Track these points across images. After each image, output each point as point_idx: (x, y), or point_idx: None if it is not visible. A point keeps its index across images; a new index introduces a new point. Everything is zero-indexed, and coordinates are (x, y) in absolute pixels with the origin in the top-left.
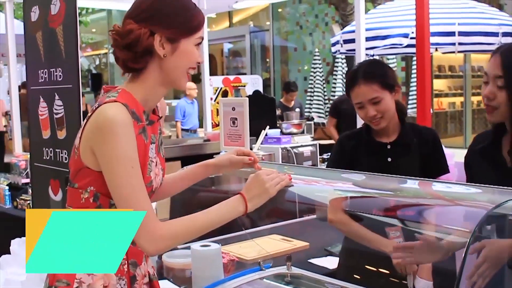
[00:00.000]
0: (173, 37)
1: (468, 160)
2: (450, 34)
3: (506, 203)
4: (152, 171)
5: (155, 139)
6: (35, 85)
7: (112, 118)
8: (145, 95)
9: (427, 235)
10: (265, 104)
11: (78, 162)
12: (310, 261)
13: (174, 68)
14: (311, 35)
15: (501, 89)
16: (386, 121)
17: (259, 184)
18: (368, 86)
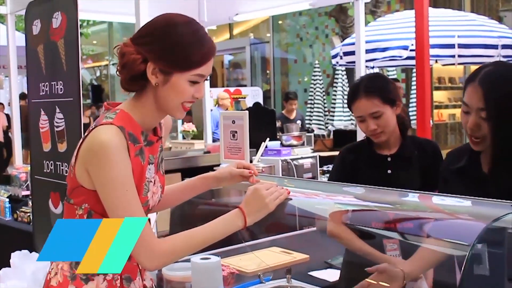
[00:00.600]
0: (165, 69)
1: (444, 176)
2: (450, 46)
3: (505, 216)
4: (150, 191)
5: (153, 159)
6: (36, 98)
7: (106, 143)
8: (143, 117)
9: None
10: (265, 116)
11: (74, 181)
12: (310, 273)
13: (167, 99)
14: (311, 47)
15: (484, 120)
16: (387, 135)
17: (259, 199)
18: (369, 101)
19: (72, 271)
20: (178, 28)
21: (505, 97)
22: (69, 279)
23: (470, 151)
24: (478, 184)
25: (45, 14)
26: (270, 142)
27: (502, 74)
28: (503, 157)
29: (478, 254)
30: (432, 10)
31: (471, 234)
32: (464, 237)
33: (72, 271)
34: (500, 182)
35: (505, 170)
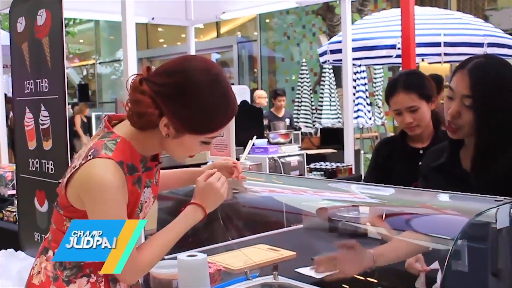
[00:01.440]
0: (178, 128)
1: (424, 173)
2: (436, 44)
3: (488, 211)
4: (142, 212)
5: (150, 183)
6: (21, 96)
7: (104, 182)
8: (145, 147)
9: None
10: (252, 114)
11: (65, 200)
12: (297, 270)
13: (173, 151)
14: (298, 46)
15: (468, 108)
16: (421, 129)
17: (214, 192)
18: (407, 95)
19: (56, 272)
20: (202, 91)
21: (492, 88)
22: (51, 279)
23: (449, 149)
24: (458, 181)
25: (30, 11)
26: (257, 140)
27: (492, 66)
28: (486, 148)
29: (462, 248)
30: (418, 8)
31: (454, 229)
32: (448, 232)
33: (55, 271)
34: (482, 176)
35: (487, 163)
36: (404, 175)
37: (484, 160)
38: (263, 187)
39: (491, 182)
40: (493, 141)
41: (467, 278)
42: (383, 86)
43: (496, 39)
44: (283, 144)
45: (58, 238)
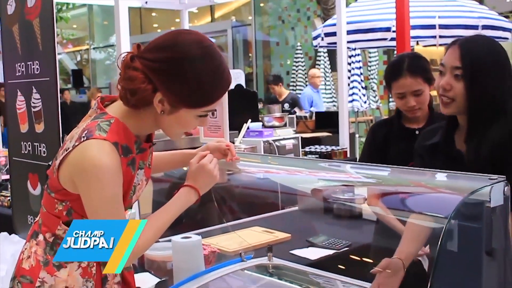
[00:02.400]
0: (174, 103)
1: (419, 153)
2: (431, 27)
3: (482, 189)
4: (135, 194)
5: (143, 165)
6: (12, 79)
7: (98, 163)
8: (139, 128)
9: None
10: (247, 98)
11: (57, 183)
12: (292, 252)
13: (169, 127)
14: (293, 30)
15: (458, 80)
16: (422, 112)
17: (207, 174)
18: (413, 79)
19: (46, 256)
20: (197, 64)
21: (481, 57)
22: (41, 264)
23: (444, 129)
24: (452, 161)
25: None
26: (252, 123)
27: (482, 40)
28: (477, 118)
29: (455, 227)
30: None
31: (448, 207)
32: (441, 210)
33: (45, 256)
34: (474, 155)
35: (480, 138)
36: (400, 155)
37: (477, 132)
38: (258, 168)
39: (482, 162)
40: (483, 110)
41: (460, 257)
42: (378, 69)
43: (490, 21)
44: (278, 128)
45: (49, 221)
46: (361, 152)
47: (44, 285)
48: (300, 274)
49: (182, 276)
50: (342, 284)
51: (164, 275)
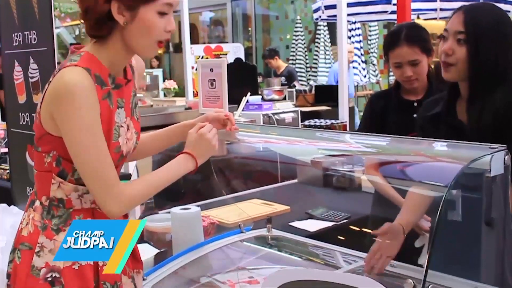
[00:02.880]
0: (130, 3)
1: (420, 124)
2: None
3: (482, 158)
4: (121, 136)
5: (123, 103)
6: (9, 49)
7: (71, 85)
8: (110, 59)
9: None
10: (246, 72)
11: (40, 128)
12: (291, 224)
13: (137, 37)
14: (293, 3)
15: (460, 45)
16: (419, 82)
17: (206, 142)
18: (410, 49)
19: (43, 221)
20: None
21: (484, 22)
22: (39, 229)
23: (446, 99)
24: (453, 130)
25: None
26: (251, 97)
27: (486, 6)
28: (478, 87)
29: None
30: None
31: (448, 176)
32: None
33: (43, 221)
34: (475, 124)
35: (481, 104)
36: (398, 127)
37: (478, 99)
38: (257, 138)
39: (483, 129)
40: (485, 76)
41: (460, 226)
42: (378, 43)
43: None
44: (277, 101)
45: (42, 181)
46: (359, 123)
47: (44, 249)
48: (299, 245)
49: (181, 247)
50: (341, 255)
51: (163, 246)
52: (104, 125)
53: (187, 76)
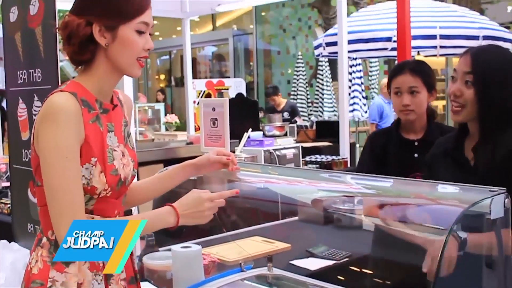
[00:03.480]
0: (109, 24)
1: (430, 162)
2: (432, 37)
3: (482, 201)
4: (116, 160)
5: (113, 128)
6: (14, 87)
7: (55, 107)
8: (96, 85)
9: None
10: (248, 107)
11: (35, 157)
12: (292, 262)
13: (120, 57)
14: (294, 39)
15: (469, 86)
16: (416, 116)
17: (198, 206)
18: (412, 77)
19: (52, 255)
20: None
21: (491, 63)
22: (49, 264)
23: (455, 136)
24: (461, 167)
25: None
26: (252, 132)
27: (493, 48)
28: (487, 125)
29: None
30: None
31: (449, 219)
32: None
33: (51, 255)
34: (482, 163)
35: (489, 145)
36: (399, 166)
37: (487, 139)
38: (259, 178)
39: (494, 169)
40: (493, 116)
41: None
42: (378, 79)
43: (491, 32)
44: (278, 137)
45: (46, 215)
46: (359, 162)
47: (56, 283)
48: (300, 284)
49: (181, 285)
50: None
51: (163, 285)
52: (96, 147)
53: (189, 110)
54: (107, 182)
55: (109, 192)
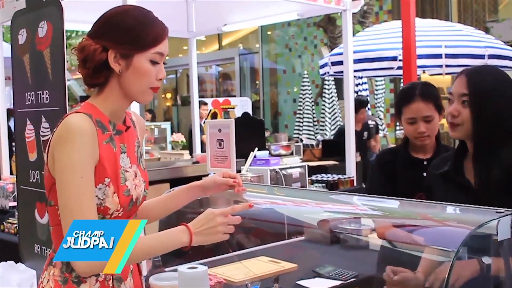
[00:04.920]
0: (125, 52)
1: (429, 183)
2: (437, 56)
3: (489, 222)
4: (128, 180)
5: (125, 149)
6: (22, 108)
7: (72, 127)
8: (109, 108)
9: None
10: (254, 126)
11: (49, 177)
12: (298, 282)
13: (132, 84)
14: (300, 58)
15: (465, 106)
16: (430, 140)
17: (210, 221)
18: (425, 104)
19: (63, 275)
20: (129, 13)
21: (486, 85)
22: (60, 283)
23: (454, 157)
24: (461, 189)
25: (31, 23)
26: (258, 152)
27: (487, 68)
28: (483, 146)
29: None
30: (419, 20)
31: (455, 241)
32: (449, 244)
33: (63, 275)
34: (482, 184)
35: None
36: (408, 185)
37: (482, 158)
38: (265, 199)
39: (491, 188)
40: (489, 135)
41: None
42: (384, 98)
43: (497, 51)
44: (284, 156)
45: (59, 235)
46: (367, 181)
47: None
48: None
49: None
50: None
51: None
52: (110, 168)
53: (195, 129)
54: (119, 202)
55: (121, 213)
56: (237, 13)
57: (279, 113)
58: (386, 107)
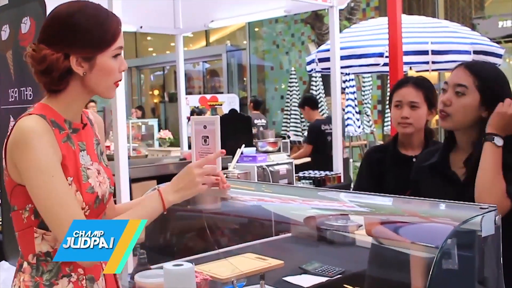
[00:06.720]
0: (87, 55)
1: (416, 177)
2: (424, 52)
3: (473, 218)
4: (91, 178)
5: (84, 147)
6: (5, 105)
7: (27, 131)
8: (66, 106)
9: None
10: (241, 123)
11: (10, 182)
12: (285, 279)
13: (99, 83)
14: (287, 54)
15: (458, 97)
16: (413, 129)
17: (188, 175)
18: (415, 91)
19: (34, 279)
20: (82, 12)
21: (489, 72)
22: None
23: (441, 150)
24: (448, 182)
25: (14, 19)
26: (245, 148)
27: (484, 62)
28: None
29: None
30: (405, 17)
31: (439, 237)
32: (433, 240)
33: (33, 279)
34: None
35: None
36: (396, 182)
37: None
38: (252, 196)
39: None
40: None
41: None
42: (372, 94)
43: (482, 47)
44: (271, 153)
45: (25, 239)
46: (356, 179)
47: None
48: None
49: None
50: None
51: None
52: (71, 167)
53: (182, 126)
54: (84, 200)
55: (87, 211)
56: (224, 10)
57: (267, 110)
58: (373, 103)
